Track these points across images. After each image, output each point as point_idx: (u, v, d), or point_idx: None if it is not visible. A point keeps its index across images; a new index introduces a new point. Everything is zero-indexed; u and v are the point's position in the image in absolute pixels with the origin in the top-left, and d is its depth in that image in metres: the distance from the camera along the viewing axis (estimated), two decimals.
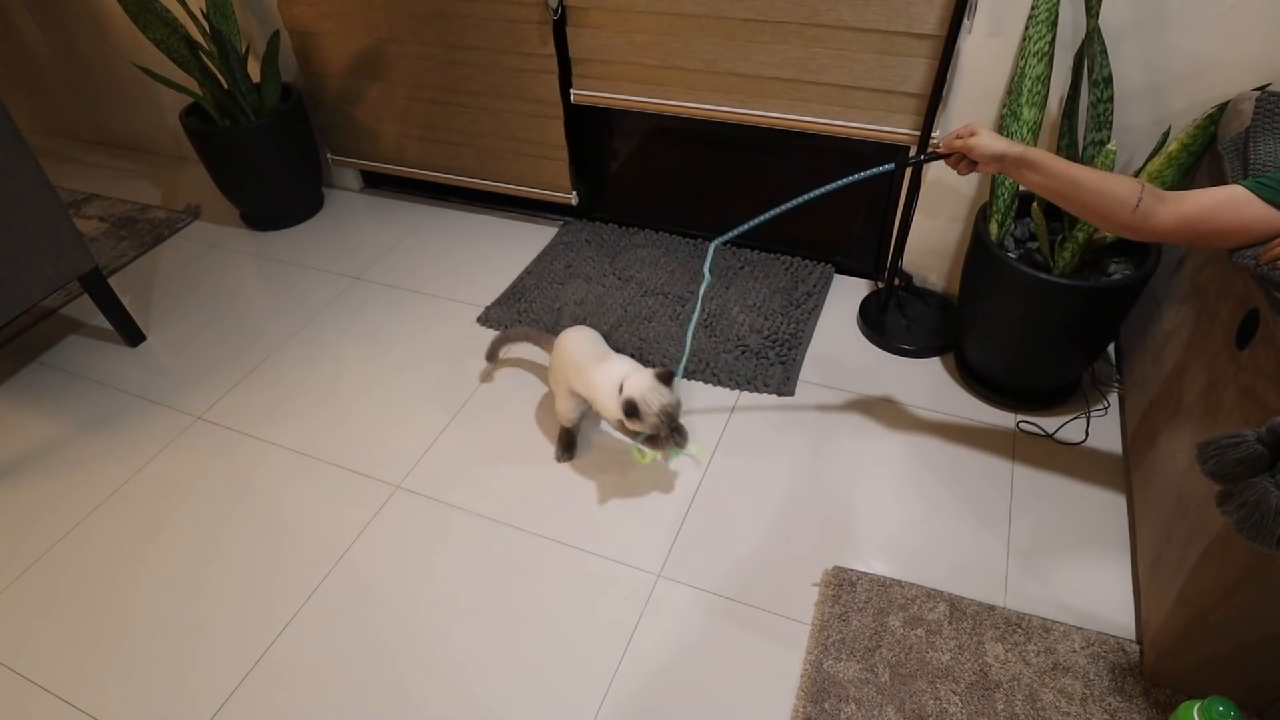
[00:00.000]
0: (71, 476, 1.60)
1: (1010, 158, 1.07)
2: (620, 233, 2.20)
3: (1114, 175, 1.04)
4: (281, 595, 1.35)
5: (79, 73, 2.67)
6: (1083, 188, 1.03)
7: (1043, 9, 1.37)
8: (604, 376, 1.37)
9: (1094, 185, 1.03)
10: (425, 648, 1.27)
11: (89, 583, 1.40)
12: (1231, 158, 1.21)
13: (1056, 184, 1.05)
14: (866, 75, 1.63)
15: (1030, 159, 1.06)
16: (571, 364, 1.44)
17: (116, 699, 1.23)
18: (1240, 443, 0.85)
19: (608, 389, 1.35)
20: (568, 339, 1.49)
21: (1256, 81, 1.34)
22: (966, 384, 1.67)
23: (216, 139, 2.15)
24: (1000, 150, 1.07)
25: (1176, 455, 1.22)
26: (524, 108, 2.03)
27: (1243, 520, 0.84)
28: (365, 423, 1.68)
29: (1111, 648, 1.20)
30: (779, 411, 1.64)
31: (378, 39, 2.06)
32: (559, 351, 1.49)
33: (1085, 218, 1.07)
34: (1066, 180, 1.04)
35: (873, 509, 1.43)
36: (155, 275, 2.19)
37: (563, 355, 1.47)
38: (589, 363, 1.41)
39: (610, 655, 1.24)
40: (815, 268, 2.02)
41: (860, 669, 1.19)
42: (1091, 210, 1.05)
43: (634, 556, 1.38)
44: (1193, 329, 1.29)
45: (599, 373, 1.38)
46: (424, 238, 2.27)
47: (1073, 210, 1.07)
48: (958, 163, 1.15)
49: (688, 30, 1.73)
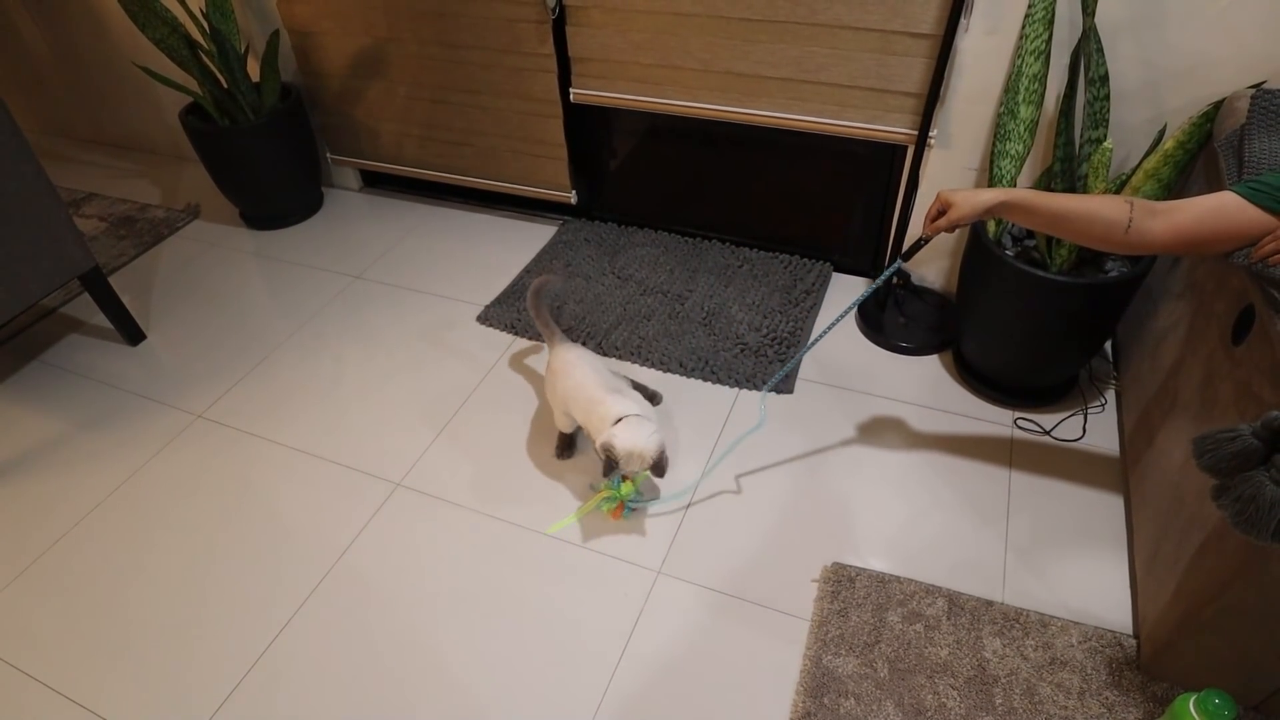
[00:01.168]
0: (72, 475, 1.60)
1: (994, 209, 1.10)
2: (619, 232, 2.21)
3: (1100, 198, 1.05)
4: (282, 593, 1.36)
5: (78, 71, 2.67)
6: (1070, 217, 1.05)
7: (1039, 7, 1.38)
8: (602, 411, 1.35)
9: (1081, 213, 1.04)
10: (425, 645, 1.27)
11: (90, 580, 1.40)
12: (1227, 155, 1.22)
13: (1043, 219, 1.08)
14: (864, 74, 1.64)
15: (1013, 201, 1.08)
16: (570, 390, 1.43)
17: (117, 696, 1.23)
18: (1236, 437, 0.86)
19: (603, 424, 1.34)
20: (567, 362, 1.46)
21: (1252, 79, 1.35)
22: (965, 382, 1.68)
23: (216, 138, 2.16)
24: (982, 207, 1.11)
25: (1173, 450, 1.23)
26: (523, 107, 2.03)
27: (1238, 513, 0.85)
28: (365, 421, 1.68)
29: (1108, 642, 1.20)
30: (778, 409, 1.65)
31: (377, 38, 2.07)
32: (557, 372, 1.47)
33: (1079, 242, 1.09)
34: (1052, 214, 1.06)
35: (871, 506, 1.44)
36: (155, 274, 2.19)
37: (561, 378, 1.45)
38: (583, 390, 1.40)
39: (610, 651, 1.24)
40: (814, 266, 2.02)
41: (859, 664, 1.19)
42: (1084, 236, 1.06)
43: (634, 553, 1.38)
44: (1189, 326, 1.30)
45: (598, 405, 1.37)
46: (423, 237, 2.27)
47: (1068, 239, 1.09)
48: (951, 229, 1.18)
49: (685, 29, 1.73)
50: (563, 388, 1.44)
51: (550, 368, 1.50)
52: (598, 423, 1.35)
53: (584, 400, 1.40)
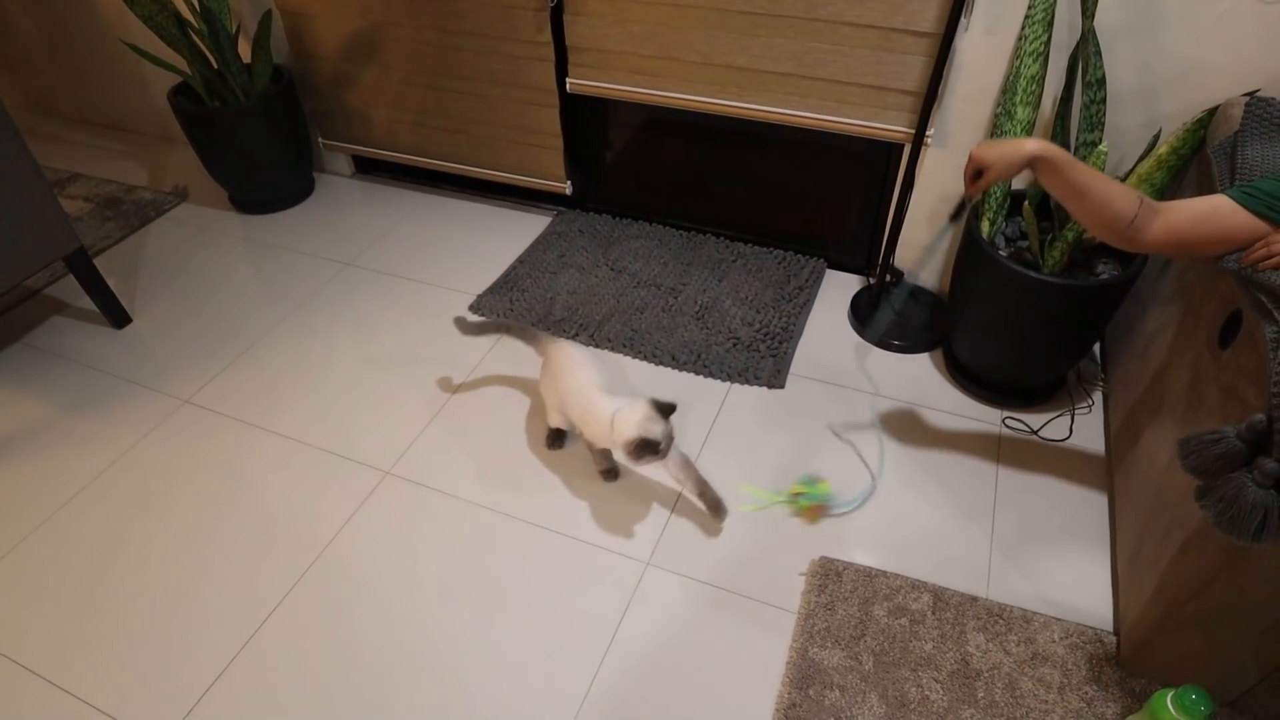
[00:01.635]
0: (55, 459, 1.58)
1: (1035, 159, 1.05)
2: (614, 223, 2.20)
3: (1119, 186, 1.04)
4: (268, 580, 1.35)
5: (65, 49, 2.62)
6: (1090, 194, 1.03)
7: (1039, 9, 1.38)
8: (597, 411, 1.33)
9: (1100, 192, 1.03)
10: (412, 633, 1.27)
11: (73, 566, 1.39)
12: (1220, 161, 1.23)
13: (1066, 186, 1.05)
14: (863, 71, 1.64)
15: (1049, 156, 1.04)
16: (565, 388, 1.41)
17: (101, 681, 1.22)
18: (1220, 439, 0.87)
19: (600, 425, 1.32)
20: (562, 358, 1.44)
21: (1247, 86, 1.36)
22: (955, 380, 1.70)
23: (206, 120, 2.13)
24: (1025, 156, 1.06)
25: (1158, 452, 1.25)
26: (519, 95, 2.02)
27: (1220, 514, 0.86)
28: (354, 409, 1.67)
29: (1089, 638, 1.22)
30: (769, 403, 1.66)
31: (372, 21, 2.04)
32: (552, 369, 1.45)
33: (1083, 221, 1.07)
34: (1077, 184, 1.04)
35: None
36: (142, 257, 2.16)
37: (556, 376, 1.44)
38: (581, 392, 1.38)
39: (598, 642, 1.25)
40: (808, 262, 2.03)
41: (845, 656, 1.21)
42: (1093, 218, 1.05)
43: (624, 544, 1.39)
44: (1177, 329, 1.32)
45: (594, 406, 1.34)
46: (416, 224, 2.25)
47: (1075, 215, 1.08)
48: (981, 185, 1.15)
49: (685, 21, 1.73)
50: (564, 385, 1.42)
51: (547, 365, 1.48)
52: (595, 427, 1.34)
53: (582, 402, 1.37)
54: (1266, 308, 0.94)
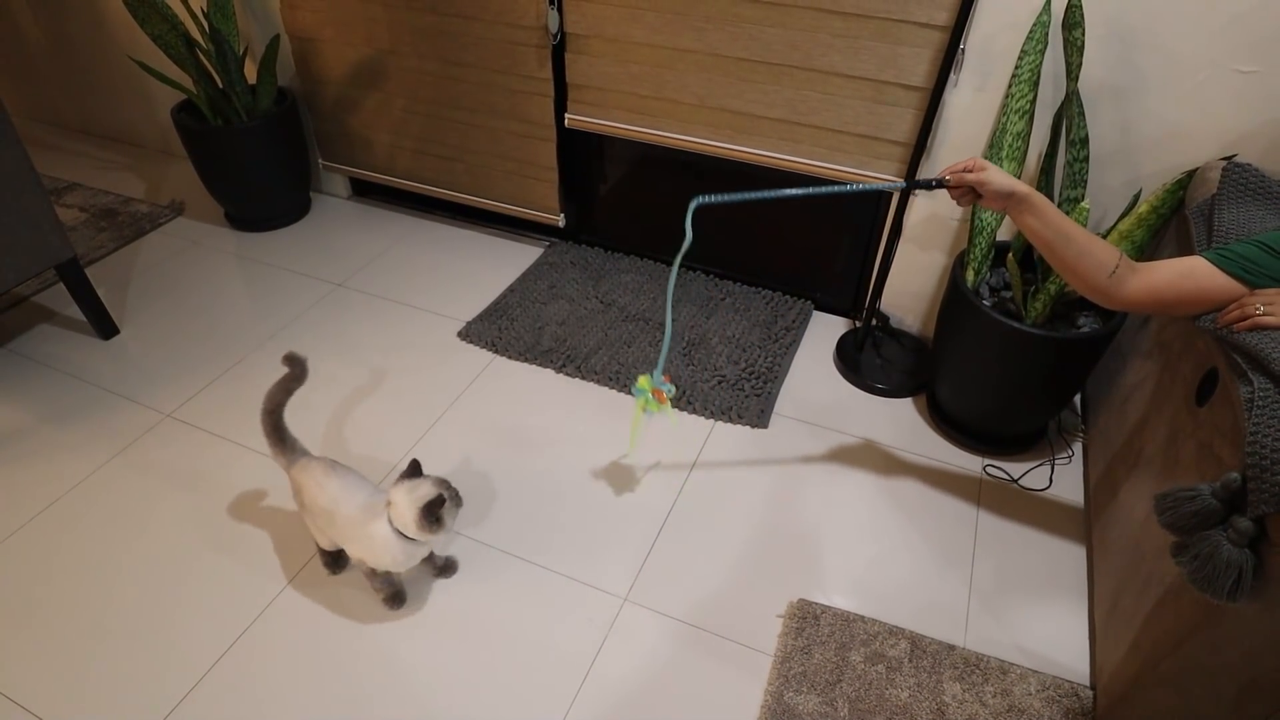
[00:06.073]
0: (33, 468, 1.56)
1: (1018, 196, 1.07)
2: (605, 257, 2.22)
3: (1098, 239, 1.06)
4: (242, 602, 1.32)
5: (71, 61, 2.65)
6: (1070, 241, 1.06)
7: (1026, 69, 1.43)
8: (359, 523, 1.20)
9: (1081, 242, 1.05)
10: (386, 662, 1.24)
11: (45, 578, 1.36)
12: (1198, 222, 1.26)
13: (1049, 232, 1.06)
14: (855, 120, 1.68)
15: (1034, 202, 1.06)
16: (324, 508, 1.23)
17: (69, 699, 1.19)
18: (1195, 496, 0.88)
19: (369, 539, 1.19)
20: (312, 477, 1.24)
21: (1224, 151, 1.41)
22: (937, 426, 1.70)
23: (207, 137, 2.14)
24: (1010, 188, 1.07)
25: (1136, 505, 1.25)
26: (517, 128, 2.05)
27: (1195, 571, 0.87)
28: (337, 431, 1.66)
29: (1066, 692, 1.21)
30: (753, 443, 1.66)
31: (378, 49, 2.08)
32: (303, 488, 1.25)
33: (1063, 273, 1.09)
34: (1057, 230, 1.06)
35: (839, 544, 1.45)
36: (133, 269, 2.16)
37: (312, 493, 1.24)
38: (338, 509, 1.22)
39: (572, 677, 1.23)
40: (795, 303, 2.05)
41: (820, 702, 1.19)
42: (1071, 267, 1.07)
43: (601, 579, 1.37)
44: (1156, 384, 1.34)
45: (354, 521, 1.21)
46: (409, 249, 2.27)
47: (1054, 263, 1.09)
48: (962, 195, 1.13)
49: (683, 64, 1.77)
50: (319, 504, 1.23)
51: (295, 485, 1.28)
52: (366, 542, 1.20)
53: (340, 523, 1.22)
54: (1241, 367, 0.95)
